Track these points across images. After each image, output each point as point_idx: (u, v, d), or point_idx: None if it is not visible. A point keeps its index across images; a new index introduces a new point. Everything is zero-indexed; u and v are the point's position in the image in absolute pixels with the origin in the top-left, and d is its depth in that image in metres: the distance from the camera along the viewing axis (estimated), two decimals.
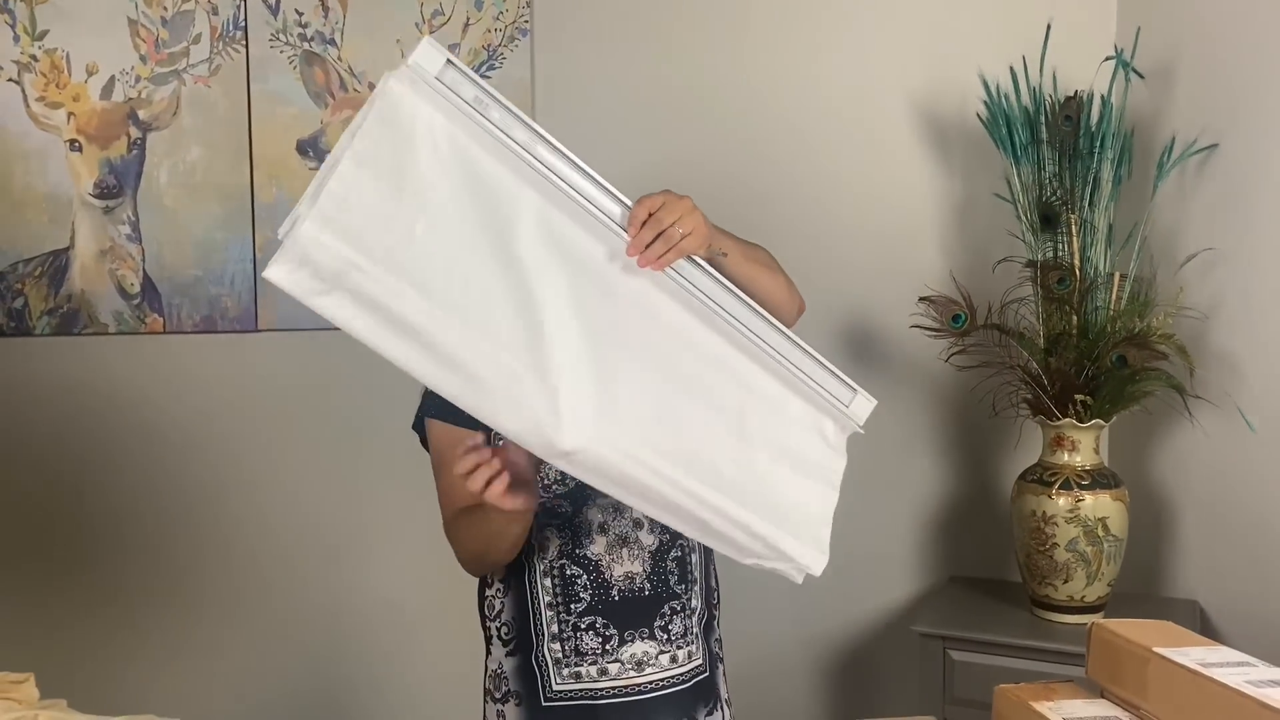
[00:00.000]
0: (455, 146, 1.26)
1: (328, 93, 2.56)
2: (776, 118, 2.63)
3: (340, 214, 1.21)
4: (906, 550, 2.72)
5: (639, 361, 1.37)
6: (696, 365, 1.41)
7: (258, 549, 2.61)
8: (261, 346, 2.59)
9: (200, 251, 2.55)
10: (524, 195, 1.30)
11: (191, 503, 2.59)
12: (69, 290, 2.52)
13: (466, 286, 1.27)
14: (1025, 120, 2.37)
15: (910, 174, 2.66)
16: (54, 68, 2.48)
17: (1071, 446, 2.30)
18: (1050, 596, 2.31)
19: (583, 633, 1.65)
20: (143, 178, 2.53)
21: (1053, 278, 2.31)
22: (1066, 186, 2.34)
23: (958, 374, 2.45)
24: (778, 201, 2.64)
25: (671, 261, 1.37)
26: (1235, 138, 2.26)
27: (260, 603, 2.61)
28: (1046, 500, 2.28)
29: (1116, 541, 2.27)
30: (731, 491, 1.40)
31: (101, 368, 2.55)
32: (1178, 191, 2.38)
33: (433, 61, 1.24)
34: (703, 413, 1.40)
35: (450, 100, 1.25)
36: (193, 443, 2.58)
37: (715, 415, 1.41)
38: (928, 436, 2.71)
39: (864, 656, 2.73)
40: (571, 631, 1.66)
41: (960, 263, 2.60)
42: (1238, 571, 2.27)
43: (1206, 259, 2.30)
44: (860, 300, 2.66)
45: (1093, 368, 2.28)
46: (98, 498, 2.55)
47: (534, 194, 1.30)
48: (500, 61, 2.57)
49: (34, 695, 2.20)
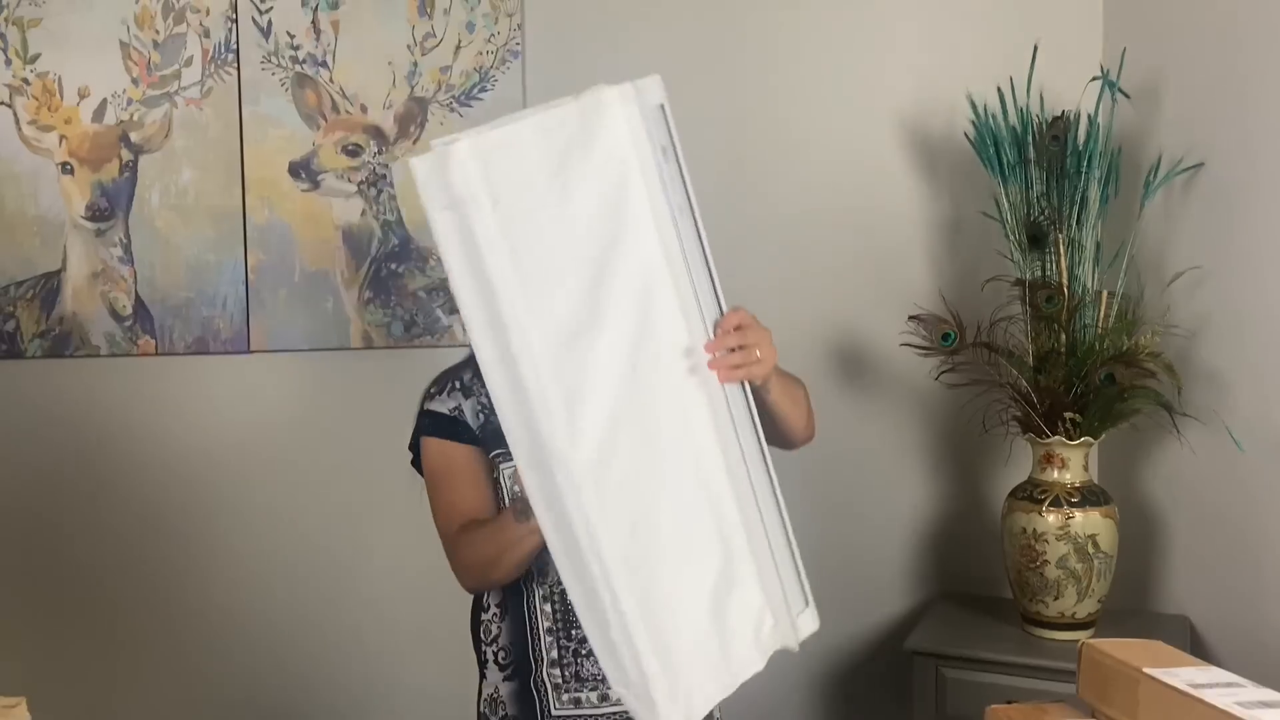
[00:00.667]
0: (622, 171, 1.30)
1: (319, 115, 2.57)
2: (766, 139, 2.64)
3: (495, 155, 1.25)
4: (898, 567, 2.73)
5: (650, 449, 1.35)
6: (693, 493, 1.39)
7: (250, 570, 2.61)
8: (254, 368, 2.59)
9: (192, 273, 2.55)
10: (648, 247, 1.32)
11: (184, 524, 2.58)
12: (61, 312, 2.52)
13: (550, 280, 1.28)
14: (1013, 140, 2.39)
15: (899, 193, 2.67)
16: (46, 91, 2.49)
17: (1061, 464, 2.32)
18: (1041, 613, 2.32)
19: (583, 658, 1.65)
20: (134, 200, 2.53)
21: (1041, 296, 2.33)
22: (1054, 205, 2.35)
23: (947, 392, 2.46)
24: (768, 222, 2.66)
25: (738, 379, 1.39)
26: (1221, 156, 2.28)
27: (254, 623, 2.61)
28: (1037, 517, 2.29)
29: (1106, 558, 2.29)
30: (649, 621, 1.34)
31: (94, 390, 2.54)
32: (1164, 210, 2.40)
33: (652, 96, 1.33)
34: (673, 536, 1.37)
35: (644, 133, 1.31)
36: (185, 464, 2.57)
37: (682, 547, 1.37)
38: (918, 454, 2.72)
39: (857, 674, 2.74)
40: (572, 657, 1.66)
41: (949, 281, 2.62)
42: (1227, 587, 2.29)
43: (1193, 277, 2.32)
44: (850, 318, 2.67)
45: (1081, 385, 2.29)
46: (90, 520, 2.55)
47: (658, 252, 1.33)
48: (492, 84, 2.59)
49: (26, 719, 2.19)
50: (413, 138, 2.58)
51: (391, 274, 2.60)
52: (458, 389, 1.74)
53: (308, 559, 2.61)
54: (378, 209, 2.59)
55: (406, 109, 2.58)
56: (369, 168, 2.58)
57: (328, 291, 2.59)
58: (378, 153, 2.58)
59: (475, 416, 1.72)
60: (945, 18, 2.63)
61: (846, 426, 2.69)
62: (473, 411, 1.72)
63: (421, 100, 2.58)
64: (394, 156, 2.59)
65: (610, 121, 1.29)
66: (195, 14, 2.51)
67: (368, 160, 2.58)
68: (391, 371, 2.57)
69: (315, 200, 2.57)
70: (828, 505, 2.61)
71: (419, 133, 2.58)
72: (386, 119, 2.58)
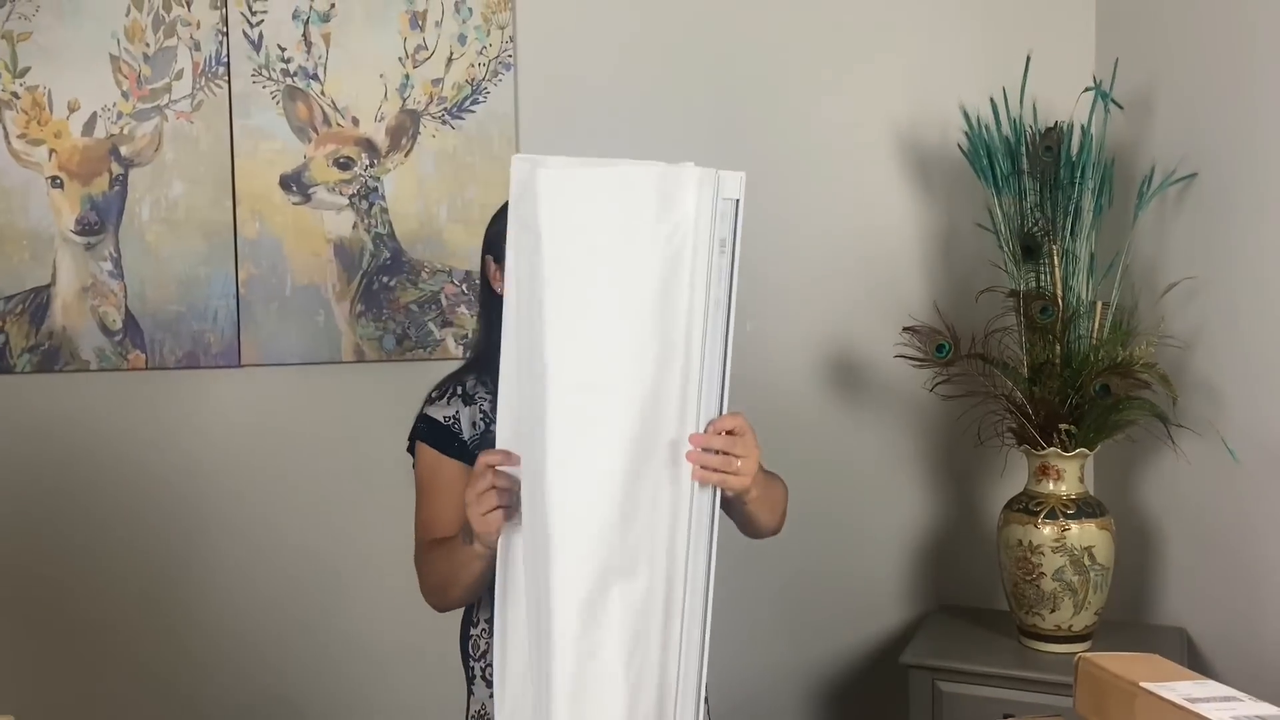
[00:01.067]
0: (679, 249, 1.34)
1: (311, 127, 2.56)
2: (760, 152, 2.64)
3: (580, 195, 1.35)
4: (894, 580, 2.72)
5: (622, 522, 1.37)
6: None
7: (241, 582, 2.59)
8: (245, 382, 2.57)
9: (183, 287, 2.54)
10: (676, 328, 1.35)
11: (175, 538, 2.56)
12: (50, 327, 2.51)
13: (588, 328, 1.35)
14: (1006, 151, 2.39)
15: (893, 205, 2.67)
16: (35, 105, 2.48)
17: (1057, 475, 2.31)
18: (1038, 626, 2.31)
19: None
20: (125, 214, 2.52)
21: (1035, 307, 2.32)
22: (1048, 216, 2.35)
23: (942, 404, 2.46)
24: (761, 233, 2.64)
25: (712, 482, 1.39)
26: (1214, 166, 2.27)
27: (244, 635, 2.59)
28: (1032, 529, 2.28)
29: (1103, 570, 2.27)
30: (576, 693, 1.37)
31: (83, 405, 2.53)
32: (1158, 220, 2.40)
33: (730, 189, 1.39)
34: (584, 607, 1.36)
35: (708, 221, 1.36)
36: (176, 479, 2.56)
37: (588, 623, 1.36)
38: (913, 466, 2.71)
39: (853, 687, 2.72)
40: None
41: (944, 292, 2.61)
42: (1224, 599, 2.27)
43: (1187, 287, 2.31)
44: (845, 330, 2.67)
45: (1076, 397, 2.28)
46: (80, 535, 2.53)
47: (681, 336, 1.36)
48: (484, 96, 2.58)
49: None
50: (404, 150, 2.57)
51: (383, 287, 2.59)
52: (458, 395, 1.74)
53: (299, 571, 2.59)
54: (369, 222, 2.58)
55: (398, 121, 2.58)
56: (360, 181, 2.57)
57: (319, 305, 2.57)
58: (369, 165, 2.57)
59: (472, 426, 1.71)
60: (938, 29, 2.64)
61: (841, 438, 2.68)
62: (470, 421, 1.72)
63: (413, 113, 2.58)
64: (386, 169, 2.58)
65: (683, 200, 1.34)
66: (186, 27, 2.50)
67: (359, 173, 2.57)
68: (383, 385, 2.56)
69: (306, 213, 2.56)
70: (823, 518, 2.60)
71: (410, 145, 2.57)
72: (378, 132, 2.57)
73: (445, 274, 2.60)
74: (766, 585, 2.63)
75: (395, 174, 2.58)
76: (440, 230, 2.59)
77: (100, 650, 2.54)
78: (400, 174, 2.58)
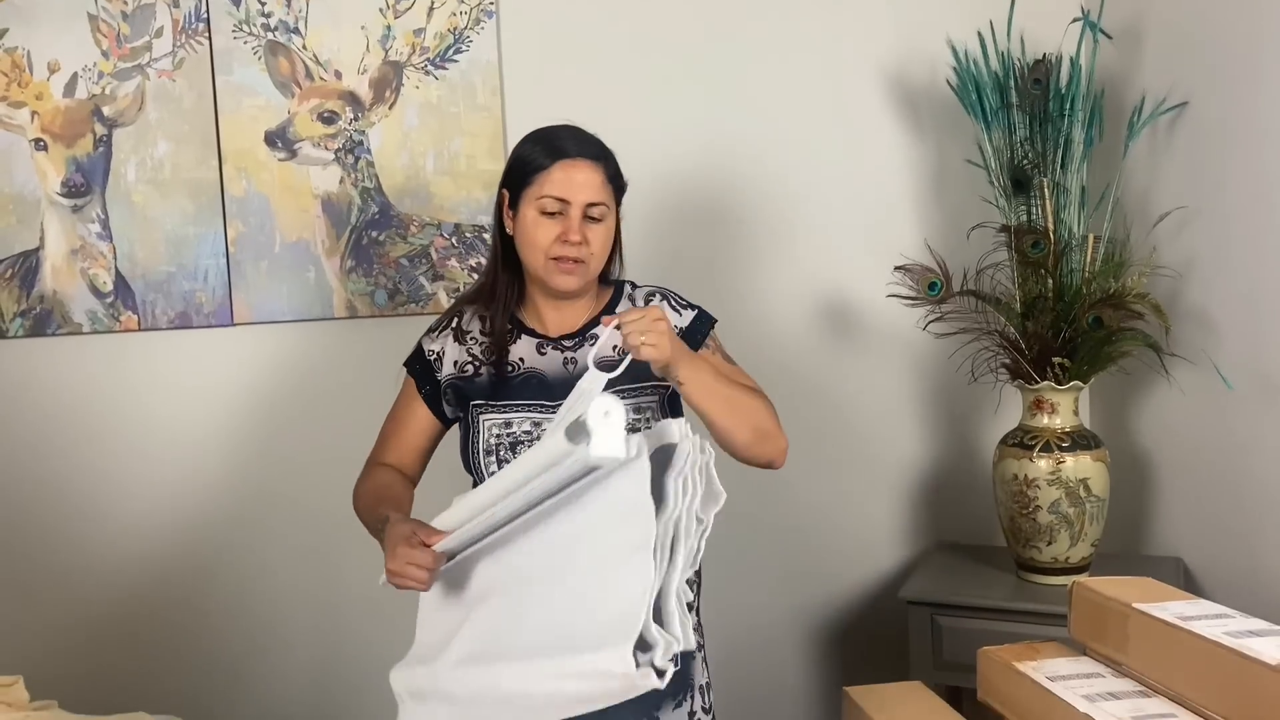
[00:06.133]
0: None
1: (294, 82, 2.53)
2: (746, 93, 2.62)
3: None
4: (892, 518, 2.73)
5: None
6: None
7: (240, 543, 2.60)
8: (238, 341, 2.57)
9: (172, 247, 2.53)
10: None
11: (173, 499, 2.58)
12: (41, 291, 2.50)
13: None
14: (995, 85, 2.37)
15: (882, 144, 2.65)
16: (15, 66, 2.46)
17: (1051, 409, 2.31)
18: (1035, 559, 2.32)
19: None
20: (110, 175, 2.50)
21: (1027, 242, 2.31)
22: (1038, 150, 2.33)
23: (935, 342, 2.45)
24: (750, 176, 2.64)
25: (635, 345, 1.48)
26: (1205, 95, 2.26)
27: (246, 597, 2.60)
28: (1028, 463, 2.28)
29: (1099, 502, 2.28)
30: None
31: (77, 368, 2.53)
32: (1149, 151, 2.39)
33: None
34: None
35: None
36: (172, 439, 2.56)
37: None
38: (908, 405, 2.71)
39: (852, 625, 2.74)
40: None
41: (935, 230, 2.60)
42: (1219, 527, 2.28)
43: (1180, 217, 2.30)
44: (836, 271, 2.66)
45: (1069, 330, 2.28)
46: (79, 498, 2.54)
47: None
48: (467, 45, 2.55)
49: (24, 697, 2.19)
50: (388, 103, 2.55)
51: (373, 242, 2.58)
52: (449, 329, 1.78)
53: (295, 529, 2.60)
54: (356, 176, 2.56)
55: (381, 74, 2.55)
56: (345, 135, 2.55)
57: (309, 262, 2.57)
58: (354, 119, 2.55)
59: (454, 366, 1.75)
60: None
61: (835, 380, 2.68)
62: (453, 360, 1.75)
63: (396, 64, 2.55)
64: (370, 123, 2.56)
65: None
66: None
67: (344, 127, 2.55)
68: (377, 340, 2.55)
69: (293, 169, 2.54)
70: (821, 459, 2.61)
71: (394, 97, 2.55)
72: (361, 84, 2.55)
73: (434, 228, 2.59)
74: (765, 527, 2.64)
75: (380, 127, 2.56)
76: (427, 183, 2.58)
77: (95, 608, 2.55)
78: (385, 127, 2.56)
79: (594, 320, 1.75)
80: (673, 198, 2.58)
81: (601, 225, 1.69)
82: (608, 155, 1.71)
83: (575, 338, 1.74)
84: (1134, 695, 1.32)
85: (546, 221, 1.66)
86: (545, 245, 1.67)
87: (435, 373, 1.75)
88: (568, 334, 1.74)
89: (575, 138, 1.70)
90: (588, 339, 1.73)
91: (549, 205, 1.66)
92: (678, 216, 2.60)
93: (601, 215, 1.68)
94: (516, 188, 1.70)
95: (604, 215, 1.69)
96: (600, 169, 1.68)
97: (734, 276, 2.64)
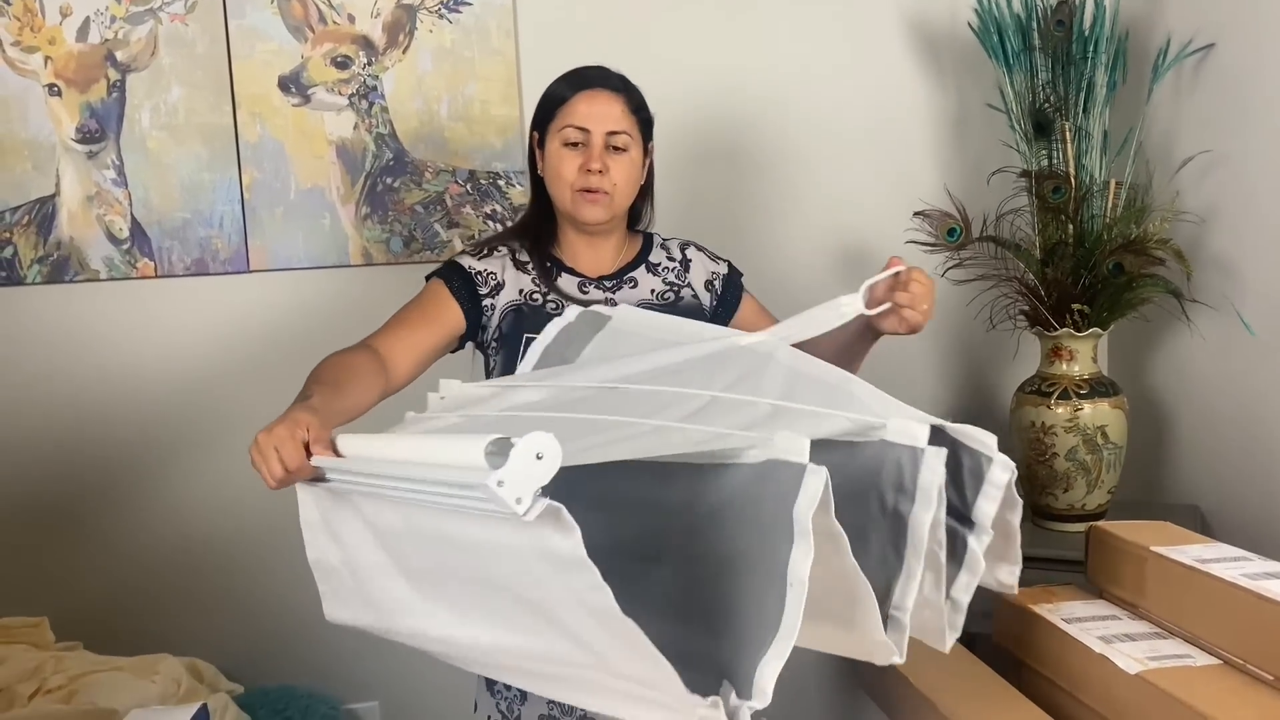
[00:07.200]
0: None
1: (307, 26, 2.51)
2: (767, 35, 2.58)
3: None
4: None
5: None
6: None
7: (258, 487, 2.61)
8: (254, 287, 2.57)
9: (188, 194, 2.52)
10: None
11: (191, 445, 2.59)
12: (58, 237, 2.50)
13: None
14: (1017, 27, 2.33)
15: (902, 88, 2.62)
16: (27, 11, 2.44)
17: (1069, 357, 2.30)
18: (1051, 506, 2.32)
19: None
20: (125, 120, 2.49)
21: (1048, 187, 2.29)
22: (1060, 93, 2.30)
23: (954, 288, 2.44)
24: (769, 119, 2.61)
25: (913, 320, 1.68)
26: (1232, 37, 2.22)
27: (262, 541, 2.62)
28: (1045, 410, 2.28)
29: (1116, 449, 2.28)
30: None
31: (95, 315, 2.53)
32: (1173, 95, 2.35)
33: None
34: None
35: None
36: (190, 385, 2.57)
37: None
38: (926, 351, 2.70)
39: None
40: None
41: (955, 175, 2.58)
42: (1237, 475, 2.27)
43: (1203, 162, 2.27)
44: (855, 217, 2.64)
45: (1089, 276, 2.26)
46: (97, 444, 2.55)
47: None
48: None
49: (49, 639, 2.23)
50: (402, 47, 2.53)
51: (387, 189, 2.56)
52: (505, 256, 1.75)
53: None
54: (370, 122, 2.54)
55: (394, 17, 2.53)
56: (359, 80, 2.53)
57: (324, 208, 2.56)
58: (367, 64, 2.53)
59: (523, 295, 1.70)
60: None
61: None
62: (520, 289, 1.71)
63: (409, 7, 2.52)
64: (384, 67, 2.53)
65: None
66: None
67: (358, 72, 2.53)
68: (393, 287, 2.52)
69: (307, 115, 2.53)
70: None
71: (408, 42, 2.53)
72: (375, 28, 2.52)
73: (449, 174, 2.57)
74: None
75: (394, 72, 2.54)
76: (441, 129, 2.56)
77: (115, 553, 2.58)
78: (399, 72, 2.54)
79: (629, 265, 1.76)
80: (691, 142, 2.56)
81: (625, 156, 1.69)
82: (630, 88, 1.72)
83: (614, 278, 1.74)
84: (1150, 637, 1.33)
85: (569, 153, 1.68)
86: (570, 177, 1.68)
87: (478, 288, 1.72)
88: (605, 275, 1.75)
89: (599, 72, 1.71)
90: (625, 281, 1.74)
91: (571, 135, 1.67)
92: (696, 160, 2.58)
93: (625, 145, 1.68)
94: (543, 125, 1.72)
95: (627, 145, 1.68)
96: (621, 99, 1.69)
97: (752, 220, 2.62)
